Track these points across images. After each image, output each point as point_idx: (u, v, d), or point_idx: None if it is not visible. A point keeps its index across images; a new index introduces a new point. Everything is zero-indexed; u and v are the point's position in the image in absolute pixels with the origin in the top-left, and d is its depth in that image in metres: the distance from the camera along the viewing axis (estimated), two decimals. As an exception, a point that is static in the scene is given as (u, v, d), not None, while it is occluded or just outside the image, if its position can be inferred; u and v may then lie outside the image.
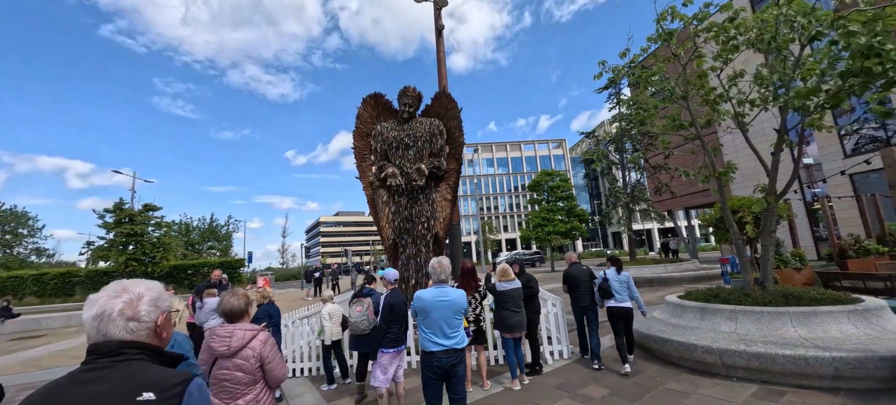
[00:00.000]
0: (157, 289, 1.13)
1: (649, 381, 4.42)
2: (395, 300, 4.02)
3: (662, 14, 5.74)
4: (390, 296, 4.06)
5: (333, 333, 5.18)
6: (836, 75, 4.08)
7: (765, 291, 5.28)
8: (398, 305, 4.01)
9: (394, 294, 4.10)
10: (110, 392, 0.93)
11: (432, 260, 3.29)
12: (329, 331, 5.15)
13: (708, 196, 19.90)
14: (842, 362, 3.70)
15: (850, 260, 8.63)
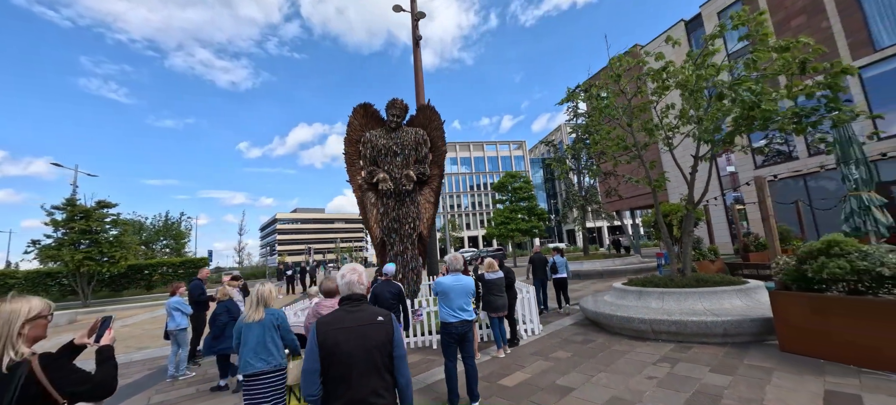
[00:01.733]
0: (365, 270, 2.13)
1: (600, 346, 5.82)
2: (379, 290, 4.75)
3: (612, 60, 7.20)
4: (377, 286, 4.91)
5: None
6: (731, 121, 5.69)
7: (684, 278, 6.94)
8: (382, 295, 4.69)
9: (380, 285, 4.95)
10: (365, 316, 1.94)
11: (448, 255, 4.39)
12: None
13: (650, 198, 22.65)
14: (729, 324, 5.30)
15: (751, 253, 10.87)
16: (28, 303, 1.54)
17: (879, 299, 3.99)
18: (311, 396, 1.86)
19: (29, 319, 1.52)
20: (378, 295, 4.76)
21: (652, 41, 23.64)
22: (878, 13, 14.69)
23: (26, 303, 1.54)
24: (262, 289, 3.47)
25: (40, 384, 1.45)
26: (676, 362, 4.79)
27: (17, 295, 1.57)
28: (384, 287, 4.83)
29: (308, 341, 1.91)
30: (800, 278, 4.72)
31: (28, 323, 1.51)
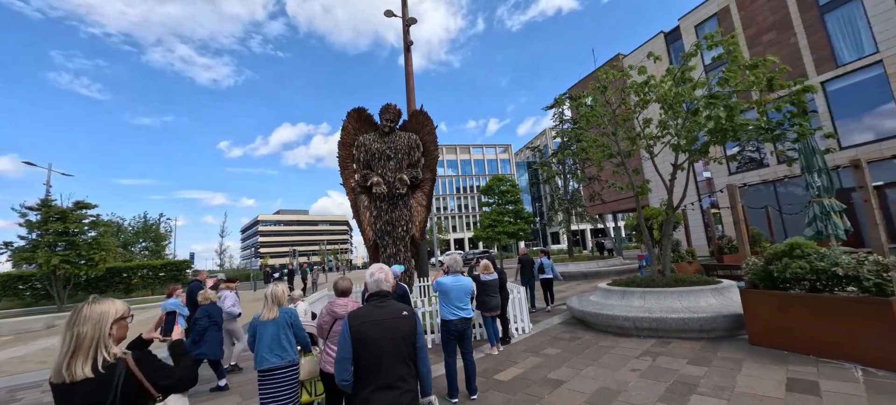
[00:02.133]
0: (390, 270, 2.37)
1: (587, 343, 6.18)
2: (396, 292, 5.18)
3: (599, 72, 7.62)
4: None
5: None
6: (706, 133, 6.16)
7: (664, 278, 7.39)
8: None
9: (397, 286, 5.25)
10: (391, 310, 2.18)
11: (448, 257, 4.65)
12: None
13: (631, 202, 23.47)
14: (704, 320, 5.73)
15: (725, 255, 11.52)
16: (113, 305, 1.63)
17: (834, 296, 4.45)
18: (343, 381, 2.09)
19: (116, 320, 1.60)
20: None
21: (634, 51, 24.55)
22: (840, 31, 15.77)
23: (112, 305, 1.62)
24: (275, 290, 3.65)
25: (137, 380, 1.56)
26: (657, 356, 5.18)
27: (100, 297, 1.67)
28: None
29: (341, 333, 2.13)
30: (767, 278, 5.18)
31: (115, 323, 1.60)
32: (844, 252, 4.73)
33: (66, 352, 1.48)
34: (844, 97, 15.80)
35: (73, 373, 1.45)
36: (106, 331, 1.56)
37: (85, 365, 1.47)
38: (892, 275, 4.17)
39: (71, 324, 1.53)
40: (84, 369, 1.47)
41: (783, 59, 17.23)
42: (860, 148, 15.01)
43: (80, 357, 1.48)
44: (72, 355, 1.47)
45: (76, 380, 1.45)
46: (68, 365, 1.46)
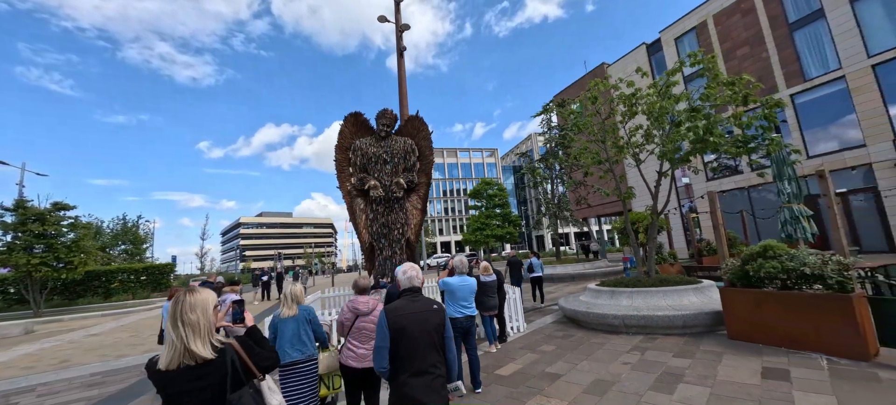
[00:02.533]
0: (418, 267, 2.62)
1: (580, 340, 6.54)
2: (392, 291, 5.28)
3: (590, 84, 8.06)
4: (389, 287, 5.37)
5: None
6: (688, 144, 6.64)
7: (650, 279, 7.84)
8: (394, 295, 5.26)
9: (393, 287, 5.40)
10: (423, 304, 2.43)
11: (455, 258, 4.91)
12: None
13: (616, 206, 24.28)
14: (687, 317, 6.17)
15: (704, 257, 12.17)
16: (210, 293, 1.73)
17: (802, 293, 4.93)
18: (381, 369, 2.33)
19: (214, 306, 1.72)
20: (391, 295, 5.20)
21: (618, 61, 25.46)
22: (808, 48, 16.87)
23: (209, 293, 1.73)
24: (293, 290, 3.85)
25: (243, 360, 1.69)
26: (646, 350, 5.56)
27: (195, 287, 1.76)
28: (395, 289, 5.27)
29: (378, 325, 2.37)
30: (743, 277, 5.65)
31: (215, 309, 1.71)
32: (811, 253, 5.22)
33: (184, 337, 1.58)
34: (811, 109, 16.88)
35: (195, 356, 1.57)
36: (211, 316, 1.67)
37: (203, 348, 1.59)
38: (851, 273, 4.66)
39: (180, 313, 1.61)
40: (205, 349, 1.59)
41: (756, 72, 18.28)
42: (825, 157, 16.06)
43: (198, 341, 1.59)
44: (190, 340, 1.58)
45: (198, 362, 1.57)
46: (188, 350, 1.57)
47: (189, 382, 1.57)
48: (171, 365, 1.57)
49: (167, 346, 1.60)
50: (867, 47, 15.17)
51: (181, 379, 1.57)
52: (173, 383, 1.57)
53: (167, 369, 1.57)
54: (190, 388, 1.57)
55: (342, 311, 3.56)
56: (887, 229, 14.28)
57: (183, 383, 1.57)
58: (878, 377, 3.98)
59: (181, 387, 1.57)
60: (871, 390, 3.70)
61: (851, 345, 4.46)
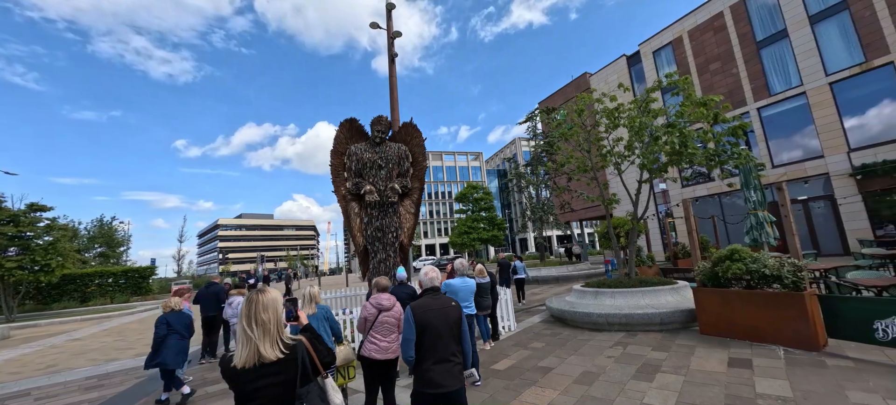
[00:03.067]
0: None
1: (567, 337, 7.03)
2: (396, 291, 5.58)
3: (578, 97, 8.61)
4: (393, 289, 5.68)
5: None
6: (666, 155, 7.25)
7: (630, 280, 8.43)
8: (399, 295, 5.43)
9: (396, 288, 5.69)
10: (443, 301, 2.81)
11: (456, 261, 5.30)
12: None
13: (597, 210, 25.22)
14: (664, 315, 6.74)
15: (679, 259, 12.96)
16: (278, 293, 1.87)
17: (763, 291, 5.55)
18: (408, 358, 2.69)
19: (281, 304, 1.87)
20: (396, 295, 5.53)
21: (599, 71, 26.49)
22: (772, 65, 18.13)
23: (277, 293, 1.87)
24: (311, 290, 4.16)
25: (312, 357, 1.84)
26: (627, 345, 6.09)
27: (264, 286, 1.91)
28: (400, 289, 5.60)
29: (405, 320, 2.73)
30: (713, 278, 6.25)
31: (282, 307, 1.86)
32: (771, 256, 5.86)
33: (259, 338, 1.69)
34: (776, 122, 18.13)
35: (265, 356, 1.67)
36: (282, 316, 1.78)
37: (273, 347, 1.70)
38: (804, 274, 5.30)
39: (254, 313, 1.72)
40: (274, 351, 1.69)
41: (727, 85, 19.47)
42: (788, 167, 17.28)
43: (267, 340, 1.70)
44: (261, 342, 1.68)
45: (268, 361, 1.67)
46: (260, 349, 1.67)
47: (262, 379, 1.68)
48: (247, 363, 1.67)
49: (241, 345, 1.70)
50: (825, 66, 16.46)
51: (255, 375, 1.67)
52: (247, 380, 1.67)
53: (243, 367, 1.67)
54: (263, 385, 1.68)
55: (365, 307, 3.89)
56: (842, 234, 15.50)
57: (256, 380, 1.68)
58: (826, 364, 4.59)
59: (255, 384, 1.67)
60: (819, 375, 4.28)
61: (804, 337, 5.08)
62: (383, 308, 3.79)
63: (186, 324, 5.51)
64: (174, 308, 5.56)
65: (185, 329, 5.45)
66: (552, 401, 4.26)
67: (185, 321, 5.50)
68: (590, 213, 25.88)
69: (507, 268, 11.18)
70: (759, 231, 9.11)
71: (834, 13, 16.24)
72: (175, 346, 5.27)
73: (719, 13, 19.91)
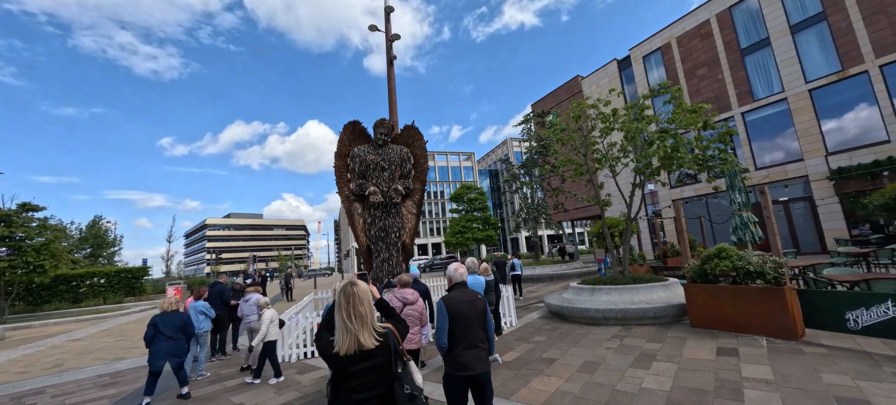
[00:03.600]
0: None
1: (567, 331, 7.44)
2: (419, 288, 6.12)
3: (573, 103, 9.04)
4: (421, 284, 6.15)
5: (271, 334, 6.00)
6: (658, 160, 7.72)
7: (624, 277, 8.89)
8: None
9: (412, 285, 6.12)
10: (470, 294, 3.15)
11: (467, 260, 5.65)
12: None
13: (589, 211, 25.87)
14: (657, 309, 7.20)
15: (668, 258, 13.53)
16: (365, 285, 2.03)
17: (748, 287, 6.03)
18: (442, 345, 3.03)
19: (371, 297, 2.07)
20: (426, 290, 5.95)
21: (591, 74, 27.13)
22: (756, 72, 18.93)
23: (368, 286, 2.02)
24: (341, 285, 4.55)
25: (400, 345, 2.04)
26: (624, 338, 6.52)
27: (354, 280, 2.07)
28: (414, 286, 5.96)
29: (438, 310, 3.06)
30: (702, 274, 6.72)
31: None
32: (755, 254, 6.35)
33: (358, 329, 1.90)
34: (759, 126, 18.94)
35: (364, 344, 1.88)
36: (373, 308, 1.96)
37: (370, 336, 1.91)
38: (784, 271, 5.79)
39: (353, 306, 1.92)
40: (371, 339, 1.91)
41: (713, 91, 20.23)
42: (770, 169, 18.09)
43: (365, 330, 1.91)
44: (360, 332, 1.89)
45: (366, 348, 1.89)
46: (359, 339, 1.88)
47: (361, 363, 1.91)
48: (348, 350, 1.89)
49: (341, 334, 1.92)
50: (805, 73, 17.29)
51: (354, 361, 1.90)
52: (348, 364, 1.90)
53: (345, 354, 1.89)
54: (362, 368, 1.91)
55: (390, 301, 4.23)
56: (820, 234, 16.33)
57: (356, 364, 1.90)
58: (803, 351, 5.07)
59: (355, 367, 1.90)
60: (797, 361, 4.75)
61: (784, 327, 5.57)
62: (408, 302, 4.13)
63: (177, 325, 5.47)
64: (166, 309, 5.54)
65: (173, 330, 5.40)
66: (560, 388, 4.64)
67: (175, 322, 5.46)
68: (581, 214, 26.54)
69: (502, 266, 11.75)
70: (743, 231, 9.67)
71: (813, 23, 17.07)
72: (164, 348, 5.27)
73: (706, 21, 20.68)
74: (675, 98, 7.86)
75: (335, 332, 1.97)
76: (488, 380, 3.05)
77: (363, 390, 1.93)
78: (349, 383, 1.93)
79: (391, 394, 1.98)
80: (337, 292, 2.00)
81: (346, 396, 1.95)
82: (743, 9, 19.44)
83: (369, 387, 1.94)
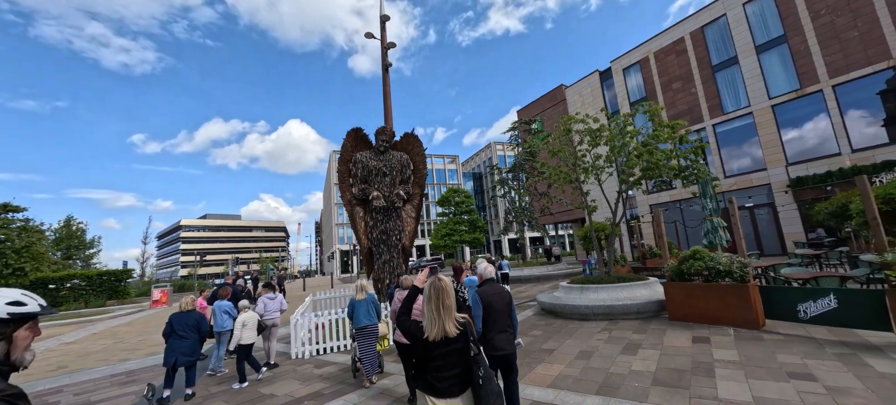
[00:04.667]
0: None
1: (560, 326, 8.18)
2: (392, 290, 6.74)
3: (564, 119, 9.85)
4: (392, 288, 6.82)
5: (245, 338, 6.26)
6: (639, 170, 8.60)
7: (609, 277, 9.74)
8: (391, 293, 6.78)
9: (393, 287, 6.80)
10: (499, 287, 3.79)
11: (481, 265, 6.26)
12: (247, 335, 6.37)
13: (571, 214, 27.02)
14: (639, 305, 8.04)
15: (648, 259, 14.59)
16: (448, 280, 2.44)
17: (718, 284, 6.92)
18: (478, 331, 3.64)
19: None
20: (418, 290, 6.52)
21: (574, 83, 28.36)
22: (725, 87, 20.47)
23: (448, 280, 2.44)
24: (362, 282, 5.16)
25: (473, 333, 2.44)
26: (612, 330, 7.30)
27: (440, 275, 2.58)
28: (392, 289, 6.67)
29: (473, 302, 3.67)
30: (679, 274, 7.59)
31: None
32: (725, 256, 7.26)
33: (445, 319, 2.32)
34: (728, 137, 20.46)
35: (449, 332, 2.30)
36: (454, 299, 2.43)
37: (453, 325, 2.33)
38: (748, 270, 6.70)
39: (442, 299, 2.35)
40: (454, 327, 2.32)
41: (687, 103, 21.68)
42: (738, 177, 19.59)
43: (450, 320, 2.32)
44: (447, 322, 2.31)
45: (451, 336, 2.30)
46: (446, 327, 2.30)
47: (445, 347, 2.33)
48: (436, 337, 2.32)
49: (430, 322, 2.36)
50: (769, 90, 18.87)
51: (440, 346, 2.32)
52: (434, 348, 2.33)
53: (433, 340, 2.34)
54: (445, 351, 2.33)
55: (395, 302, 4.89)
56: (781, 237, 17.86)
57: (441, 348, 2.32)
58: (763, 338, 5.95)
59: (440, 350, 2.33)
60: (758, 346, 5.61)
61: (748, 319, 6.47)
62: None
63: (190, 324, 5.79)
64: (182, 309, 5.92)
65: (186, 329, 5.73)
66: (561, 372, 5.33)
67: (188, 321, 5.80)
68: (565, 217, 27.68)
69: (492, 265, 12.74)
70: (714, 234, 10.71)
71: (776, 45, 18.68)
72: (177, 346, 5.62)
73: (681, 38, 22.16)
74: (654, 115, 8.78)
75: (424, 320, 2.42)
76: (515, 359, 3.69)
77: (444, 370, 2.33)
78: (434, 363, 2.35)
79: (467, 374, 2.37)
80: (427, 286, 2.48)
81: (431, 374, 2.36)
82: (714, 28, 20.99)
83: (449, 367, 2.34)
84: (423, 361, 2.46)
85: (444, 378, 2.34)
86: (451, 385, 2.33)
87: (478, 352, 2.40)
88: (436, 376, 2.35)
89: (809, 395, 3.92)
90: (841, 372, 4.41)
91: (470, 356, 2.38)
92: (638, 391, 4.45)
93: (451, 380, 2.34)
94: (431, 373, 2.37)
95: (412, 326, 2.53)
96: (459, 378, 2.36)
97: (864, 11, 15.98)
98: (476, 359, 2.36)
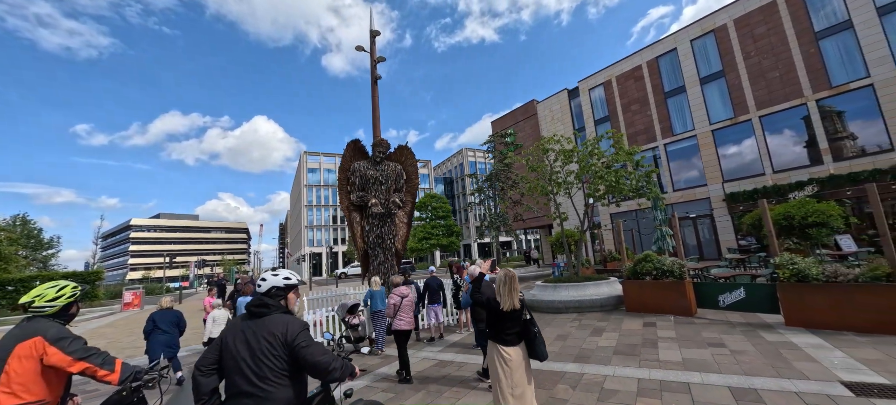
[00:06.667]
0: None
1: (538, 318, 9.65)
2: (430, 282, 7.99)
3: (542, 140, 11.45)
4: (428, 280, 8.02)
5: (215, 332, 6.64)
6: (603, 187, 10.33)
7: (577, 276, 11.41)
8: (432, 284, 8.03)
9: (431, 279, 8.04)
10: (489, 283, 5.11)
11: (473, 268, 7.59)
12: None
13: (540, 221, 29.13)
14: (602, 300, 9.70)
15: (609, 262, 16.61)
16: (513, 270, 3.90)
17: (663, 281, 8.68)
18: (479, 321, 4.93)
19: None
20: (429, 284, 7.73)
21: (545, 99, 30.63)
22: (675, 111, 23.29)
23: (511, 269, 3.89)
24: (374, 278, 6.38)
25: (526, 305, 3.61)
26: (581, 320, 8.87)
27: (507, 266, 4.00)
28: (432, 280, 7.84)
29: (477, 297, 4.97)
30: (634, 273, 9.33)
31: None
32: (670, 260, 9.05)
33: (515, 296, 3.35)
34: (677, 155, 23.27)
35: (515, 306, 3.34)
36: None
37: (518, 299, 3.38)
38: (685, 270, 8.51)
39: (509, 282, 3.37)
40: (518, 301, 3.38)
41: (643, 123, 24.34)
42: (684, 191, 22.37)
43: (516, 297, 3.37)
44: (515, 299, 3.34)
45: (516, 308, 3.36)
46: (514, 302, 3.33)
47: (512, 314, 3.39)
48: (508, 308, 3.37)
49: (504, 298, 3.37)
50: (710, 116, 21.79)
51: (509, 314, 3.39)
52: (506, 317, 3.38)
53: (508, 311, 3.39)
54: (512, 317, 3.40)
55: (392, 297, 6.16)
56: (718, 244, 20.68)
57: (509, 315, 3.39)
58: (694, 322, 7.71)
59: (509, 318, 3.40)
60: (690, 327, 7.33)
61: (684, 308, 8.25)
62: (404, 295, 6.09)
63: (172, 320, 6.16)
64: (163, 306, 6.30)
65: (168, 325, 6.10)
66: (545, 349, 6.75)
67: (170, 318, 6.16)
68: (535, 223, 29.77)
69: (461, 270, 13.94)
70: (662, 241, 12.75)
71: (715, 78, 21.65)
72: (160, 340, 5.99)
73: (638, 66, 24.88)
74: (617, 142, 10.59)
75: (497, 296, 3.47)
76: None
77: (510, 329, 3.46)
78: (504, 324, 3.48)
79: (523, 332, 3.58)
80: (501, 274, 3.58)
81: (502, 332, 3.47)
82: (667, 60, 23.82)
83: (512, 327, 3.47)
84: (496, 323, 3.61)
85: (510, 333, 3.49)
86: (513, 337, 3.52)
87: (531, 317, 3.52)
88: (505, 332, 3.48)
89: (719, 356, 5.57)
90: (742, 342, 6.15)
91: (525, 319, 3.49)
92: (603, 358, 5.95)
93: (513, 335, 3.50)
94: (502, 332, 3.55)
95: (491, 299, 3.66)
96: (518, 334, 3.52)
97: (783, 56, 19.10)
98: (532, 321, 3.52)
